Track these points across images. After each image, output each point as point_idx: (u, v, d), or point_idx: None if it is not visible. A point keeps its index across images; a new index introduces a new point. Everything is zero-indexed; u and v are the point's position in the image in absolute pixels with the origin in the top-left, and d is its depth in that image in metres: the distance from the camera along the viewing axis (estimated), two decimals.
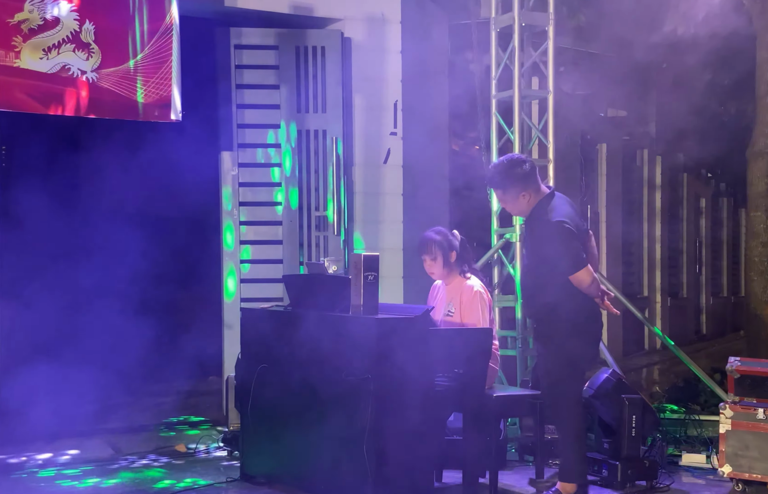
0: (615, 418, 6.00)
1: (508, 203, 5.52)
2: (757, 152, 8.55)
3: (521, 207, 5.48)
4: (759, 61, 8.61)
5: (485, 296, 5.88)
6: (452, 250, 5.93)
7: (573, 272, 5.26)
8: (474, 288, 5.87)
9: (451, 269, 5.96)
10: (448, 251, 5.93)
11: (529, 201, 5.42)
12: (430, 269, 6.04)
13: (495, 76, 7.81)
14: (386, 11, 7.83)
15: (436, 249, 5.92)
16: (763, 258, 8.41)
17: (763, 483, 5.80)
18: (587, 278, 5.28)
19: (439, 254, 5.92)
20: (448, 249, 5.93)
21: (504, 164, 5.49)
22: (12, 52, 6.22)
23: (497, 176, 5.47)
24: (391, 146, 7.82)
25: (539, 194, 5.43)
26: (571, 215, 5.38)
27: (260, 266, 7.66)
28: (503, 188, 5.46)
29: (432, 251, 5.94)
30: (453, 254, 5.93)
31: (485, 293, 5.89)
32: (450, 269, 5.95)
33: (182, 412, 8.14)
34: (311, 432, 5.42)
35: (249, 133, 7.68)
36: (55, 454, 6.61)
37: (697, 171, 18.82)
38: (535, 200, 5.41)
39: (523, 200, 5.42)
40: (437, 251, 5.92)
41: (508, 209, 5.67)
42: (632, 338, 14.05)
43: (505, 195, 5.47)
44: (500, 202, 5.59)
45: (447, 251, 5.93)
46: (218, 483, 5.97)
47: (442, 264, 5.94)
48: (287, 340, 5.60)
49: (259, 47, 7.67)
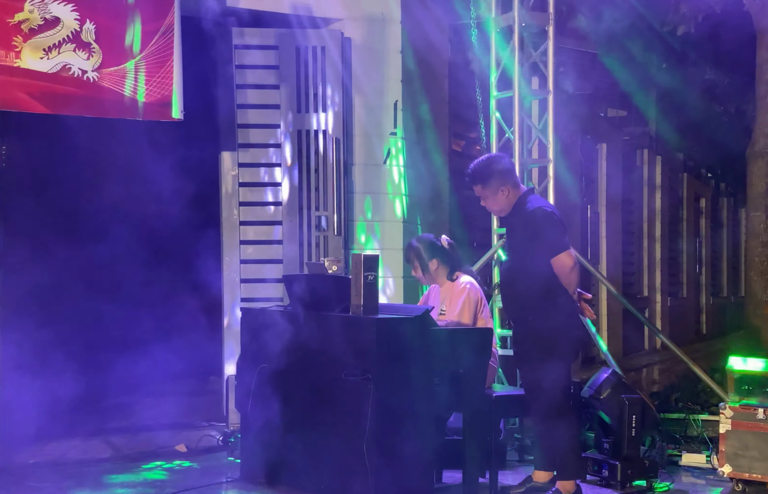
0: (615, 418, 6.01)
1: (489, 199, 5.59)
2: (757, 152, 8.56)
3: (501, 204, 5.56)
4: (759, 61, 8.62)
5: (473, 291, 5.89)
6: (432, 258, 5.99)
7: (554, 255, 5.31)
8: (461, 285, 5.93)
9: (435, 275, 6.02)
10: (427, 260, 5.99)
11: (509, 197, 5.52)
12: (415, 274, 6.20)
13: (495, 76, 7.82)
14: (386, 11, 7.83)
15: (414, 258, 6.09)
16: (763, 258, 8.42)
17: (763, 483, 5.80)
18: (569, 261, 5.32)
19: (416, 263, 6.07)
20: (428, 258, 5.99)
21: (484, 161, 5.65)
22: (12, 52, 6.22)
23: (477, 171, 5.58)
24: (391, 146, 7.82)
25: (518, 190, 5.56)
26: (551, 206, 5.56)
27: (260, 266, 7.66)
28: (483, 183, 5.55)
29: (411, 260, 6.12)
30: (434, 263, 6.00)
31: (473, 289, 5.90)
32: (434, 275, 6.02)
33: (182, 412, 8.14)
34: (311, 431, 5.42)
35: (249, 133, 7.68)
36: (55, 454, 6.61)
37: (697, 171, 18.83)
38: (514, 197, 5.53)
39: (503, 196, 5.52)
40: (414, 260, 6.08)
41: (489, 207, 5.71)
42: (632, 338, 14.05)
43: (485, 190, 5.55)
44: (481, 199, 5.63)
45: (424, 260, 6.01)
46: (218, 483, 5.97)
47: (422, 271, 6.07)
48: (287, 340, 5.60)
49: (259, 47, 7.66)
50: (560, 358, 5.41)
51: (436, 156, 8.56)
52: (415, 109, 8.06)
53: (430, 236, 6.15)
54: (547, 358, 5.38)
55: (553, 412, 5.41)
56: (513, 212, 5.55)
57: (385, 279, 7.55)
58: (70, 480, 6.01)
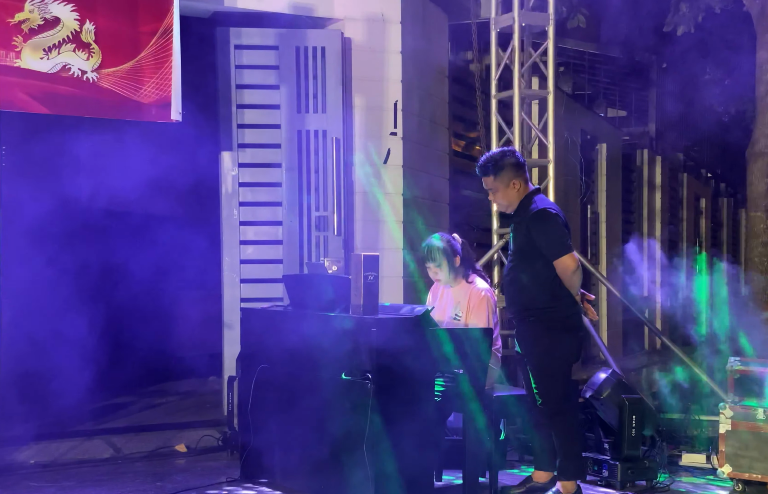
0: (615, 418, 6.01)
1: (499, 192, 5.54)
2: (757, 152, 8.56)
3: (510, 197, 5.52)
4: (759, 61, 8.62)
5: (492, 299, 5.88)
6: (456, 255, 5.93)
7: (558, 257, 5.30)
8: (481, 292, 5.86)
9: (456, 274, 5.96)
10: (453, 256, 5.92)
11: (519, 191, 5.50)
12: (435, 276, 6.03)
13: (495, 76, 7.82)
14: (386, 11, 7.83)
15: (441, 256, 5.91)
16: (763, 258, 8.42)
17: (763, 483, 5.80)
18: (572, 263, 5.32)
19: (444, 261, 5.91)
20: (453, 255, 5.92)
21: (497, 152, 5.64)
22: (12, 52, 6.22)
23: (491, 162, 5.54)
24: (391, 146, 7.82)
25: (527, 188, 5.53)
26: (556, 208, 5.51)
27: (260, 266, 7.66)
28: (495, 174, 5.50)
29: (437, 259, 5.92)
30: (457, 259, 5.93)
31: (492, 296, 5.90)
32: (456, 274, 5.95)
33: (182, 412, 8.15)
34: (311, 431, 5.42)
35: (249, 133, 7.68)
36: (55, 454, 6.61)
37: (697, 171, 18.83)
38: (523, 193, 5.51)
39: (513, 189, 5.49)
40: (442, 259, 5.91)
41: (497, 200, 5.66)
42: (632, 338, 14.05)
43: (497, 181, 5.50)
44: (491, 192, 5.58)
45: (452, 257, 5.91)
46: (218, 483, 5.97)
47: (448, 271, 5.93)
48: (287, 340, 5.60)
49: (259, 47, 7.67)
50: (562, 358, 5.41)
51: (436, 156, 8.56)
52: (414, 109, 8.05)
53: (448, 234, 6.08)
54: (549, 358, 5.38)
55: (553, 412, 5.41)
56: (518, 210, 5.52)
57: (385, 279, 7.55)
58: (71, 480, 6.01)
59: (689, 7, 10.25)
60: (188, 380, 9.53)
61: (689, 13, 10.25)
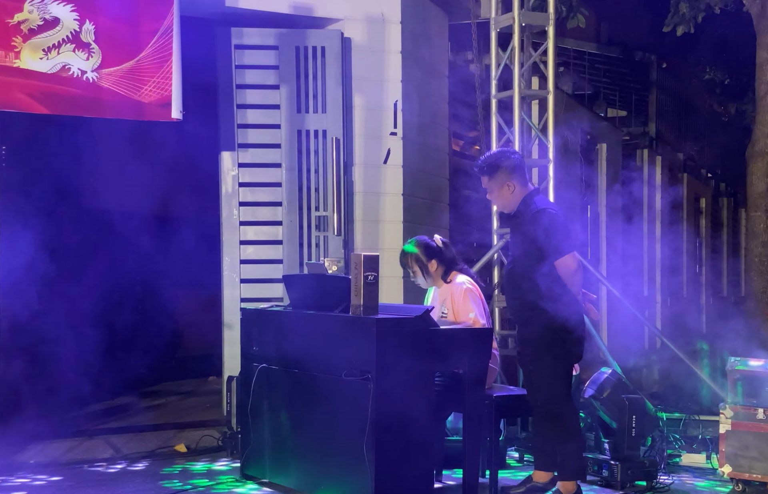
0: (615, 418, 6.00)
1: (494, 192, 5.56)
2: (757, 152, 8.57)
3: (505, 199, 5.54)
4: (759, 61, 8.63)
5: (474, 289, 5.86)
6: (431, 259, 5.93)
7: (559, 257, 5.30)
8: (462, 286, 5.86)
9: (436, 276, 5.97)
10: (427, 261, 5.93)
11: (514, 193, 5.50)
12: (415, 281, 6.09)
13: (495, 76, 7.81)
14: (386, 11, 7.83)
15: (413, 263, 5.96)
16: (763, 258, 8.42)
17: (763, 483, 5.80)
18: (573, 264, 5.34)
19: (416, 267, 5.96)
20: (427, 259, 5.93)
21: (494, 153, 5.68)
22: (12, 53, 6.22)
23: (486, 163, 5.57)
24: (391, 146, 7.82)
25: (525, 188, 5.53)
26: (556, 208, 5.53)
27: (260, 266, 7.66)
28: (489, 175, 5.53)
29: (408, 266, 6.00)
30: (433, 264, 5.93)
31: (474, 287, 5.88)
32: (433, 277, 5.97)
33: (182, 412, 8.15)
34: (311, 431, 5.42)
35: (249, 133, 7.68)
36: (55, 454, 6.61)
37: (697, 171, 18.84)
38: (520, 194, 5.50)
39: (507, 191, 5.50)
40: (414, 266, 5.97)
41: (494, 200, 5.71)
42: (632, 338, 14.03)
43: (491, 182, 5.53)
44: (487, 192, 5.61)
45: (425, 263, 5.93)
46: (218, 483, 5.97)
47: (423, 276, 5.97)
48: (287, 340, 5.60)
49: (259, 47, 7.67)
50: (562, 359, 5.41)
51: (435, 156, 8.56)
52: (414, 109, 8.05)
53: (424, 237, 6.10)
54: (550, 358, 5.38)
55: (554, 412, 5.41)
56: (518, 210, 5.53)
57: (385, 279, 7.54)
58: (71, 480, 6.00)
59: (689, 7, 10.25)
60: (188, 380, 9.54)
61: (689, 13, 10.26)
